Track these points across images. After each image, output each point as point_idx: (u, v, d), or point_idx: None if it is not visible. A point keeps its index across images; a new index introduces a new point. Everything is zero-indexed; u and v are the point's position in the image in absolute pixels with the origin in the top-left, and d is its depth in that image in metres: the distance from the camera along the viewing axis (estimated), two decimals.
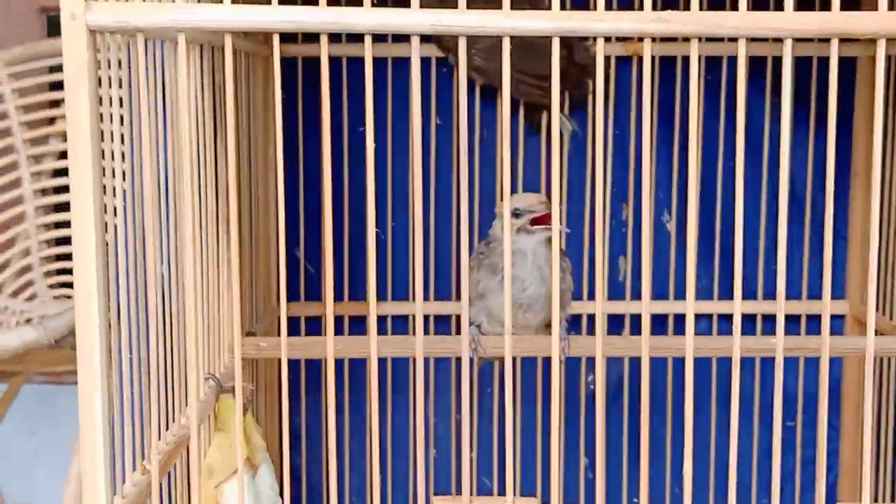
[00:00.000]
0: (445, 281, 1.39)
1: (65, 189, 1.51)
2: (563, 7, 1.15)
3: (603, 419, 0.75)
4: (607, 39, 0.83)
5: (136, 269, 0.78)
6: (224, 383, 0.99)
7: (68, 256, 1.51)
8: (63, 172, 1.52)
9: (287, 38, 1.17)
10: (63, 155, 1.53)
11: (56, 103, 1.52)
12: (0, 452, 1.41)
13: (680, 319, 1.34)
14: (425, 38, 0.75)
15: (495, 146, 1.36)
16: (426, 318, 1.38)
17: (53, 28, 1.69)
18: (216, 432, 0.98)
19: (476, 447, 1.41)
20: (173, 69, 0.83)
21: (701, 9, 0.72)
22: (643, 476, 0.79)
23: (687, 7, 0.73)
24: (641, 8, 0.72)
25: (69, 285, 1.50)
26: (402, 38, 1.29)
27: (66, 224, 1.50)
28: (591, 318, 1.33)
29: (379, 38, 1.28)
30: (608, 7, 1.23)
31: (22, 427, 1.73)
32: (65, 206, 1.51)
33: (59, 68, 1.51)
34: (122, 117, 0.75)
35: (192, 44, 0.87)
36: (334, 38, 1.10)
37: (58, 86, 1.55)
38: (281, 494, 1.00)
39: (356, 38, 0.78)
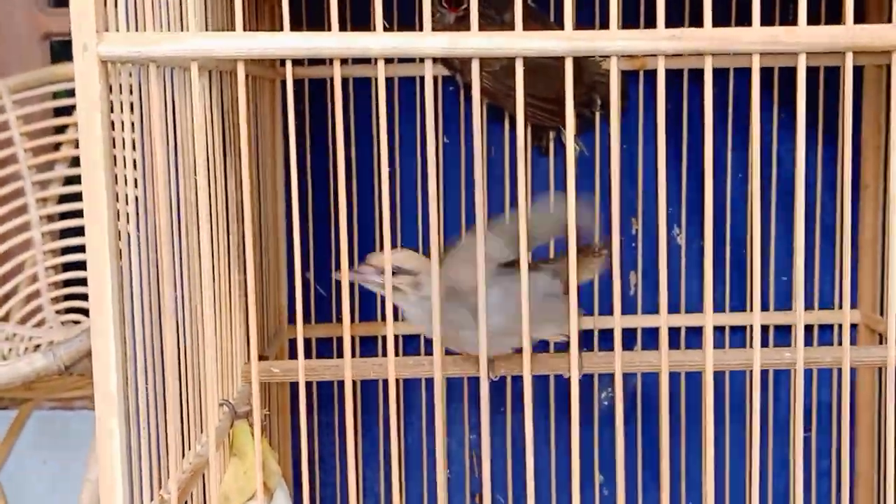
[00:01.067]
0: None
1: (71, 215, 1.51)
2: (548, 15, 1.15)
3: (622, 436, 0.74)
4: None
5: (150, 296, 0.78)
6: (238, 409, 0.99)
7: (75, 282, 1.51)
8: (68, 198, 1.52)
9: (294, 60, 1.17)
10: (68, 181, 1.53)
11: (60, 129, 1.53)
12: (10, 478, 1.41)
13: (692, 332, 1.33)
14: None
15: (502, 165, 1.35)
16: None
17: (57, 54, 1.69)
18: (231, 458, 0.98)
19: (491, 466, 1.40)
20: (183, 95, 0.83)
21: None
22: (664, 492, 0.79)
23: (694, 19, 0.73)
24: (649, 22, 0.72)
25: (77, 311, 1.50)
26: (408, 58, 1.29)
27: (73, 250, 1.50)
28: (603, 333, 1.33)
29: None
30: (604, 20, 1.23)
31: (32, 453, 1.72)
32: (71, 232, 1.51)
33: (63, 94, 1.53)
34: (133, 142, 0.75)
35: (201, 70, 0.86)
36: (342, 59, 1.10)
37: (62, 111, 1.55)
38: None
39: (363, 59, 0.78)
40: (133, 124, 0.74)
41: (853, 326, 1.38)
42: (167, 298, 0.76)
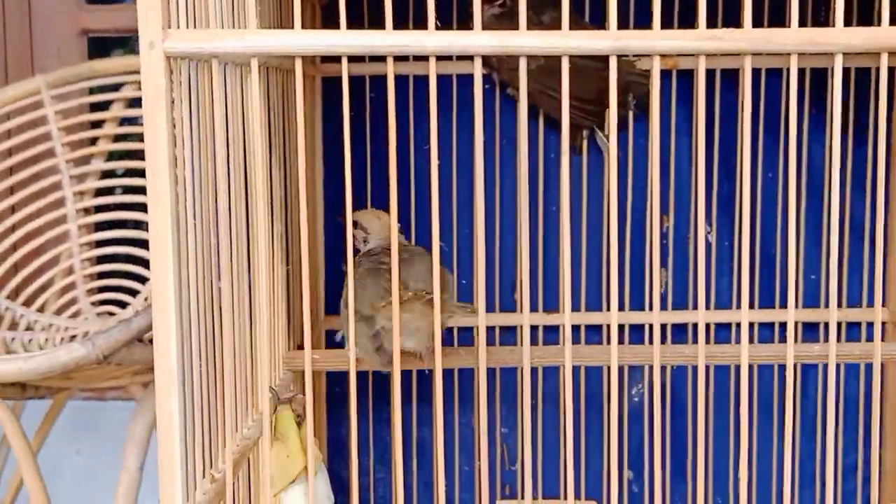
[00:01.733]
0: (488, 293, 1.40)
1: (106, 208, 1.54)
2: (582, 17, 1.19)
3: (661, 431, 0.77)
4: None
5: (205, 284, 0.80)
6: (281, 395, 1.01)
7: (110, 274, 1.54)
8: (104, 192, 1.55)
9: (330, 57, 1.19)
10: (105, 175, 1.55)
11: (97, 124, 1.55)
12: (43, 468, 1.43)
13: (720, 328, 1.35)
14: (467, 56, 0.78)
15: (536, 164, 1.37)
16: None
17: (94, 50, 1.72)
18: (274, 443, 1.00)
19: (520, 457, 1.42)
20: (235, 90, 0.86)
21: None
22: (700, 487, 0.81)
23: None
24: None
25: (111, 302, 1.53)
26: (444, 56, 1.31)
27: (108, 242, 1.53)
28: (632, 328, 1.35)
29: (420, 56, 1.30)
30: (623, 14, 1.24)
31: (66, 443, 1.74)
32: (106, 225, 1.54)
33: (100, 90, 1.55)
34: (191, 136, 0.78)
35: None
36: (376, 57, 1.12)
37: (99, 107, 1.58)
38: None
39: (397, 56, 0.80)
40: (191, 120, 0.76)
41: (882, 324, 1.40)
42: (224, 286, 0.78)
